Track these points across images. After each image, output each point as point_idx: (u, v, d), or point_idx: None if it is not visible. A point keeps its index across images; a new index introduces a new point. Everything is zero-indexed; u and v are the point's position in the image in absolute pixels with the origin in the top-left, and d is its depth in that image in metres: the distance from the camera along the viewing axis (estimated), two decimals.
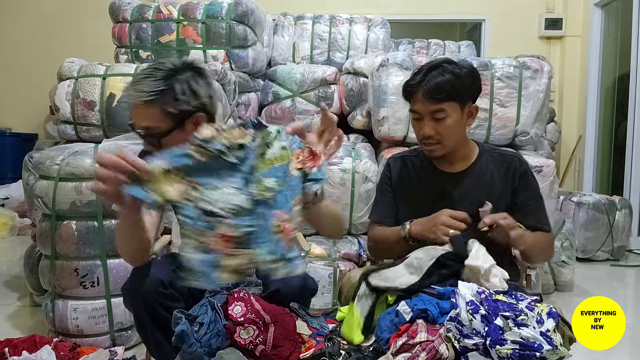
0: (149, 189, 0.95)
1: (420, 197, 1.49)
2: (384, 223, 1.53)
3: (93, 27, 4.98)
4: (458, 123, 1.38)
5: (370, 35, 3.69)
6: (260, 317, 1.14)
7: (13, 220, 4.24)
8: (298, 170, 1.03)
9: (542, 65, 2.61)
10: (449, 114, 1.36)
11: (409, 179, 1.52)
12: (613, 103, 4.90)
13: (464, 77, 1.37)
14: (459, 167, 1.47)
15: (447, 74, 1.35)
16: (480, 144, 1.51)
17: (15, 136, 5.40)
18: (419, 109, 1.38)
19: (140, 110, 1.24)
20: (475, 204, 1.32)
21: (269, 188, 0.98)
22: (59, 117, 2.46)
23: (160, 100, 1.22)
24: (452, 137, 1.40)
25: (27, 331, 2.18)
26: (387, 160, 1.59)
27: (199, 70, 1.30)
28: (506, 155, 1.48)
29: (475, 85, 1.42)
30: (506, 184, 1.43)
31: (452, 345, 1.01)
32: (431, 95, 1.34)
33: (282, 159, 1.01)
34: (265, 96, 3.18)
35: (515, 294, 1.09)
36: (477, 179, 1.45)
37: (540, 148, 3.51)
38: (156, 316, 1.30)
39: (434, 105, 1.35)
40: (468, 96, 1.40)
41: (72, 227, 1.93)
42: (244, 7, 2.90)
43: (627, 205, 3.77)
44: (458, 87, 1.35)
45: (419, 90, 1.36)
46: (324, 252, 2.46)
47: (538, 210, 1.45)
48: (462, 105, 1.38)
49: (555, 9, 5.28)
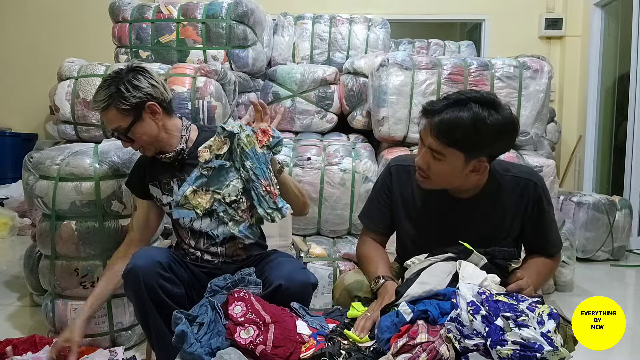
0: (188, 208, 1.44)
1: (423, 217, 1.40)
2: (374, 231, 1.49)
3: (93, 27, 4.98)
4: (455, 171, 1.24)
5: (370, 35, 3.69)
6: (261, 317, 1.14)
7: (13, 220, 4.24)
8: (262, 148, 1.39)
9: (542, 65, 2.61)
10: (448, 159, 1.22)
11: (412, 195, 1.40)
12: (613, 103, 4.90)
13: (486, 131, 1.17)
14: (466, 194, 1.33)
15: (467, 118, 1.17)
16: (492, 165, 1.30)
17: (15, 136, 5.40)
18: (422, 136, 1.26)
19: (105, 116, 1.53)
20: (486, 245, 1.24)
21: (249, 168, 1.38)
22: (59, 117, 2.47)
23: (112, 104, 1.47)
24: (444, 181, 1.28)
25: (27, 331, 2.18)
26: (390, 167, 1.46)
27: (139, 69, 1.53)
28: (520, 179, 1.33)
29: (495, 144, 1.22)
30: (518, 210, 1.32)
31: (453, 346, 1.01)
32: (440, 133, 1.20)
33: (250, 144, 1.38)
34: (265, 96, 3.18)
35: (516, 295, 1.09)
36: (486, 209, 1.33)
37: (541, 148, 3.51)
38: (156, 297, 1.35)
39: (437, 145, 1.21)
40: (480, 151, 1.22)
41: (72, 227, 1.92)
42: (244, 7, 2.89)
43: (627, 205, 3.77)
44: (470, 139, 1.18)
45: (433, 120, 1.21)
46: (324, 252, 2.46)
47: (549, 233, 1.36)
48: (468, 158, 1.22)
49: (555, 9, 5.28)
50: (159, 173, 1.61)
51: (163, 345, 1.40)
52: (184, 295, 1.42)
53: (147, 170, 1.64)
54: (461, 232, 1.29)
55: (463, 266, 1.18)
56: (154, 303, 1.35)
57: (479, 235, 1.29)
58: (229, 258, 1.59)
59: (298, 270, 1.43)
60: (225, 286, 1.32)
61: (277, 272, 1.40)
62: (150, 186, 1.63)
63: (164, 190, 1.60)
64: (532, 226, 1.35)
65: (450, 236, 1.29)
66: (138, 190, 1.68)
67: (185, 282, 1.46)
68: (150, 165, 1.63)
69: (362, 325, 1.19)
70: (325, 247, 2.49)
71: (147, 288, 1.34)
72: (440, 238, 1.31)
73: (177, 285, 1.39)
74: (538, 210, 1.34)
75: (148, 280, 1.33)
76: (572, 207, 3.68)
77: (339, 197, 2.49)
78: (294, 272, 1.39)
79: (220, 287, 1.32)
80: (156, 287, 1.34)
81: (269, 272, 1.43)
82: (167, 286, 1.36)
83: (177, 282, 1.40)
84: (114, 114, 1.48)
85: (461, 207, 1.34)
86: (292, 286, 1.34)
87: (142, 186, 1.65)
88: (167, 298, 1.36)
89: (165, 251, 1.48)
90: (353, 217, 2.53)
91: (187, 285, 1.47)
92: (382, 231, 1.49)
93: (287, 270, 1.40)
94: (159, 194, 1.61)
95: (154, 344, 1.46)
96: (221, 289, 1.31)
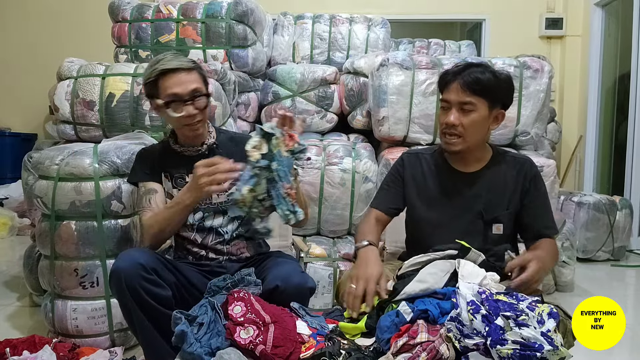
0: (240, 207, 1.37)
1: (434, 196, 1.51)
2: (377, 208, 1.57)
3: (93, 27, 4.98)
4: (483, 121, 1.40)
5: (370, 35, 3.69)
6: (260, 317, 1.13)
7: (12, 220, 4.24)
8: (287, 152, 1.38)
9: (542, 65, 2.61)
10: (478, 108, 1.38)
11: (423, 176, 1.54)
12: (613, 103, 4.90)
13: (502, 81, 1.41)
14: (473, 168, 1.49)
15: (487, 72, 1.39)
16: (494, 146, 1.54)
17: (15, 136, 5.40)
18: (451, 98, 1.40)
19: (184, 76, 1.50)
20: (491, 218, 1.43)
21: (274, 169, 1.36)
22: (58, 117, 2.46)
23: (197, 69, 1.53)
24: (474, 133, 1.41)
25: (27, 331, 2.17)
26: (401, 155, 1.62)
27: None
28: (518, 159, 1.51)
29: (509, 93, 1.45)
30: (517, 185, 1.46)
31: (453, 345, 1.01)
32: (468, 86, 1.37)
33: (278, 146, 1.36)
34: (265, 96, 3.18)
35: (516, 295, 1.09)
36: (491, 180, 1.47)
37: (541, 148, 3.52)
38: (139, 299, 1.34)
39: (466, 96, 1.37)
40: (500, 100, 1.42)
41: (72, 227, 1.92)
42: (244, 6, 2.89)
43: (627, 205, 3.77)
44: (494, 88, 1.39)
45: (456, 80, 1.39)
46: (324, 252, 2.46)
47: (545, 213, 1.47)
48: (492, 106, 1.41)
49: (556, 8, 5.28)
50: (171, 166, 1.59)
51: (150, 345, 1.41)
52: (171, 297, 1.40)
53: (155, 162, 1.61)
54: (467, 203, 1.46)
55: (462, 265, 1.19)
56: (137, 304, 1.34)
57: (484, 205, 1.44)
58: (233, 256, 1.60)
59: (296, 272, 1.43)
60: (225, 286, 1.32)
61: (275, 273, 1.40)
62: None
63: (175, 184, 1.59)
64: (529, 202, 1.46)
65: (457, 207, 1.46)
66: (149, 175, 1.60)
67: (173, 285, 1.43)
68: (159, 158, 1.61)
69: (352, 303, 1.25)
70: (325, 247, 2.49)
71: (129, 289, 1.33)
72: (451, 210, 1.47)
73: (162, 288, 1.37)
74: (535, 186, 1.46)
75: (130, 282, 1.33)
76: (572, 207, 3.67)
77: (339, 197, 2.49)
78: (292, 275, 1.39)
79: (220, 288, 1.31)
80: (138, 289, 1.33)
81: (268, 273, 1.43)
82: (150, 288, 1.34)
83: (163, 284, 1.38)
84: (196, 77, 1.52)
85: (468, 179, 1.48)
86: (288, 288, 1.34)
87: (153, 171, 1.60)
88: (151, 299, 1.35)
89: (150, 254, 1.43)
90: (353, 217, 2.53)
91: (176, 287, 1.45)
92: (383, 208, 1.57)
93: (285, 272, 1.40)
94: (170, 187, 1.59)
95: (141, 343, 1.45)
96: (221, 289, 1.31)
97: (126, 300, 1.35)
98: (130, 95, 2.34)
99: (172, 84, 1.48)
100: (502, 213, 1.45)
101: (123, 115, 2.33)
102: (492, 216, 1.44)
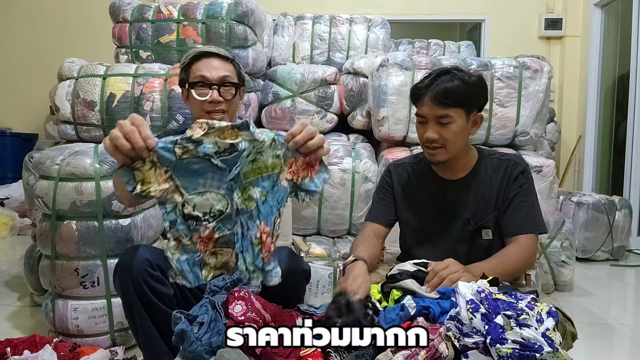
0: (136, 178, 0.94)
1: (422, 205, 1.51)
2: (373, 221, 1.56)
3: (93, 28, 4.99)
4: (462, 130, 1.39)
5: (370, 35, 3.69)
6: (261, 315, 1.14)
7: (13, 220, 4.24)
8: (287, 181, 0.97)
9: (541, 66, 2.61)
10: (455, 119, 1.37)
11: (410, 186, 1.55)
12: (613, 103, 4.91)
13: (472, 86, 1.38)
14: (459, 175, 1.48)
15: (456, 80, 1.36)
16: (480, 148, 1.52)
17: (16, 136, 5.40)
18: (425, 112, 1.39)
19: (218, 64, 1.48)
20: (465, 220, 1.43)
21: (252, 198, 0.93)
22: (59, 117, 2.47)
23: (234, 61, 1.53)
24: (456, 142, 1.40)
25: (27, 331, 2.18)
26: (388, 167, 1.61)
27: None
28: (503, 160, 1.48)
29: (482, 95, 1.43)
30: (501, 187, 1.44)
31: (452, 344, 1.01)
32: (439, 100, 1.35)
33: (273, 168, 0.95)
34: (265, 96, 3.18)
35: (514, 294, 1.09)
36: (477, 186, 1.46)
37: (540, 148, 3.52)
38: (142, 294, 1.33)
39: (440, 110, 1.36)
40: (474, 104, 1.41)
41: (72, 227, 1.92)
42: (244, 7, 2.90)
43: (626, 205, 3.77)
44: (465, 95, 1.37)
45: (427, 94, 1.37)
46: (323, 252, 2.47)
47: (526, 210, 1.42)
48: (468, 113, 1.39)
49: (555, 9, 5.29)
50: None
51: (148, 342, 1.40)
52: (172, 296, 1.40)
53: None
54: (455, 211, 1.46)
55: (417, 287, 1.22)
56: (140, 299, 1.34)
57: (472, 212, 1.44)
58: None
59: (290, 257, 1.42)
60: (225, 286, 1.32)
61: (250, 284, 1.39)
62: None
63: None
64: (507, 199, 1.43)
65: (446, 215, 1.47)
66: None
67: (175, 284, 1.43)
68: None
69: None
70: (325, 247, 2.49)
71: (133, 284, 1.33)
72: (437, 218, 1.47)
73: (165, 286, 1.38)
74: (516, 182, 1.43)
75: (135, 276, 1.33)
76: (571, 207, 3.68)
77: (339, 197, 2.49)
78: (286, 259, 1.37)
79: (220, 287, 1.32)
80: (142, 284, 1.33)
81: None
82: (153, 284, 1.35)
83: (166, 282, 1.38)
84: (230, 67, 1.51)
85: (454, 187, 1.48)
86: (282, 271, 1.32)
87: None
88: (154, 296, 1.35)
89: (156, 251, 1.44)
90: (353, 217, 2.53)
91: (177, 287, 1.45)
92: (381, 221, 1.56)
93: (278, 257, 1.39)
94: None
95: (139, 339, 1.45)
96: (220, 289, 1.31)
97: (129, 294, 1.35)
98: (130, 95, 2.34)
99: (203, 67, 1.47)
100: (488, 218, 1.43)
101: (124, 115, 2.34)
102: (480, 222, 1.43)
